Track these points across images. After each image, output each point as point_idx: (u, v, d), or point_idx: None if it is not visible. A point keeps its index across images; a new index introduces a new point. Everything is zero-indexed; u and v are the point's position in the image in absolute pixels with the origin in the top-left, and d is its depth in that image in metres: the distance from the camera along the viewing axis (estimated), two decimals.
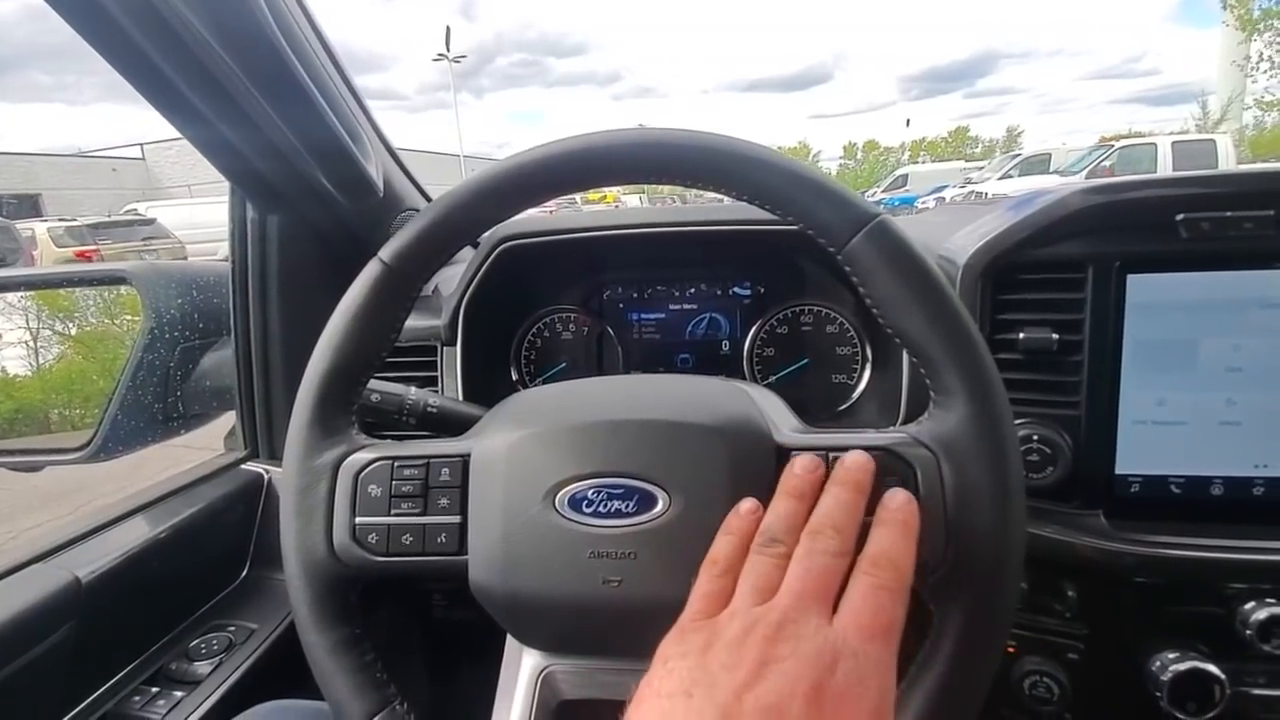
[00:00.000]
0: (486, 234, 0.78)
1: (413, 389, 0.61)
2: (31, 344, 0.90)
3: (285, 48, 0.53)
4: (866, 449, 0.40)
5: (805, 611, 0.31)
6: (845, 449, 0.40)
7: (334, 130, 0.63)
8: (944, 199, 13.06)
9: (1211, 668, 0.55)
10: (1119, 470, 0.59)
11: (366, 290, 0.44)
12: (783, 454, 0.41)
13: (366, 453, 0.44)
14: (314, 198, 0.71)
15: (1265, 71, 16.03)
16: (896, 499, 0.36)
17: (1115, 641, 0.60)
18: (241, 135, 0.60)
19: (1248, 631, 0.55)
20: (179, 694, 0.65)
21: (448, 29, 32.35)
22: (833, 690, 0.28)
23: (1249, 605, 0.55)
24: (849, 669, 0.29)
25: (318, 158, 0.65)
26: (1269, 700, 0.56)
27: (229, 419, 0.91)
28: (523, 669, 0.49)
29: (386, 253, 0.43)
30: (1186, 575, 0.57)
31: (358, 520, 0.43)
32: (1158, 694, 0.56)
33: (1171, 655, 0.56)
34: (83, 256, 9.74)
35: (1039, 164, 13.06)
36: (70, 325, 0.94)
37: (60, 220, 11.28)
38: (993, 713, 0.64)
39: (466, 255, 0.80)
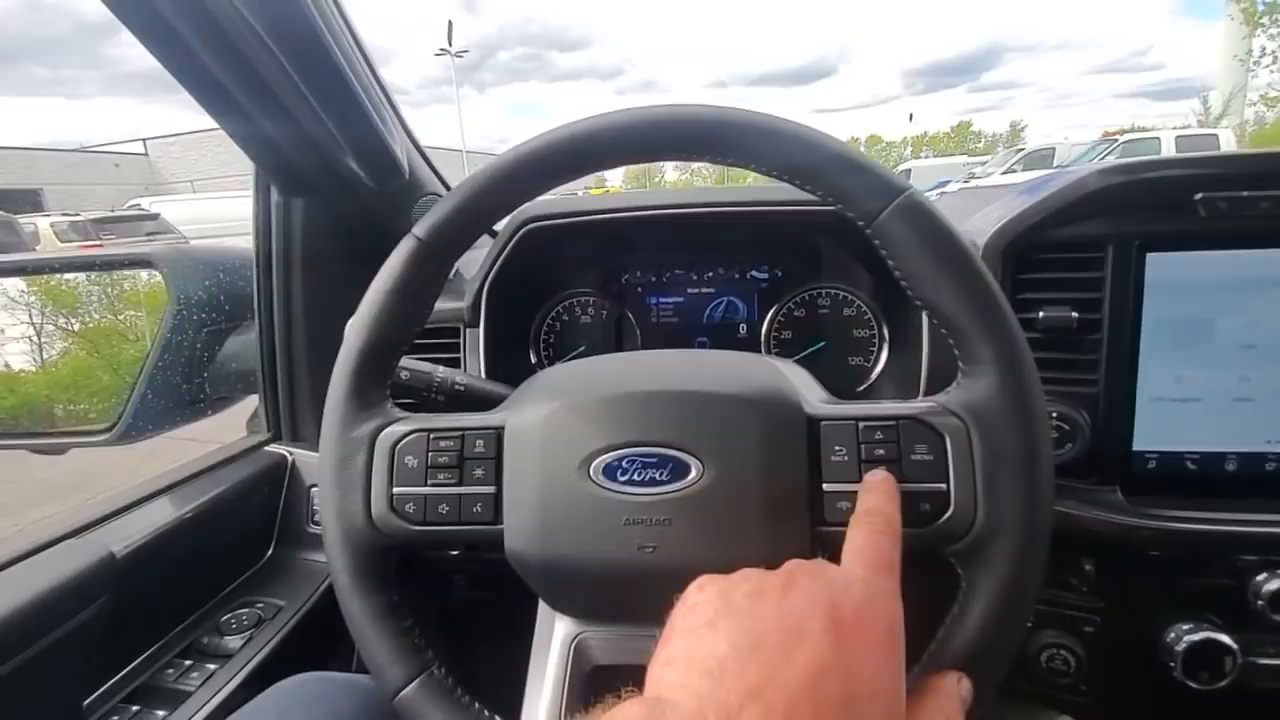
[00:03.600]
0: (509, 216, 0.78)
1: (440, 368, 0.62)
2: (35, 339, 0.91)
3: (327, 37, 0.54)
4: (895, 418, 0.41)
5: (817, 559, 0.35)
6: (874, 419, 0.41)
7: (368, 115, 0.64)
8: (946, 194, 13.02)
9: (1224, 638, 0.56)
10: (1136, 447, 0.60)
11: (404, 265, 0.44)
12: (813, 424, 0.42)
13: (402, 425, 0.45)
14: (340, 182, 0.72)
15: (1267, 66, 15.90)
16: (877, 475, 0.40)
17: (1131, 614, 0.62)
18: (277, 125, 0.61)
19: (1259, 602, 0.56)
20: (211, 666, 0.66)
21: (449, 23, 32.26)
22: (848, 610, 0.30)
23: (1261, 577, 0.56)
24: (861, 593, 0.32)
25: (351, 142, 0.65)
26: (1278, 669, 0.57)
27: (248, 406, 0.92)
28: (555, 636, 0.50)
29: (421, 229, 0.44)
30: (1200, 548, 0.59)
31: (395, 490, 0.44)
32: (1171, 664, 0.57)
33: (1185, 627, 0.58)
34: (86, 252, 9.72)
35: (1042, 159, 13.00)
36: (74, 321, 0.94)
37: (64, 215, 11.28)
38: (1010, 685, 0.65)
39: (485, 240, 0.80)
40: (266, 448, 0.87)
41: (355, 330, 0.45)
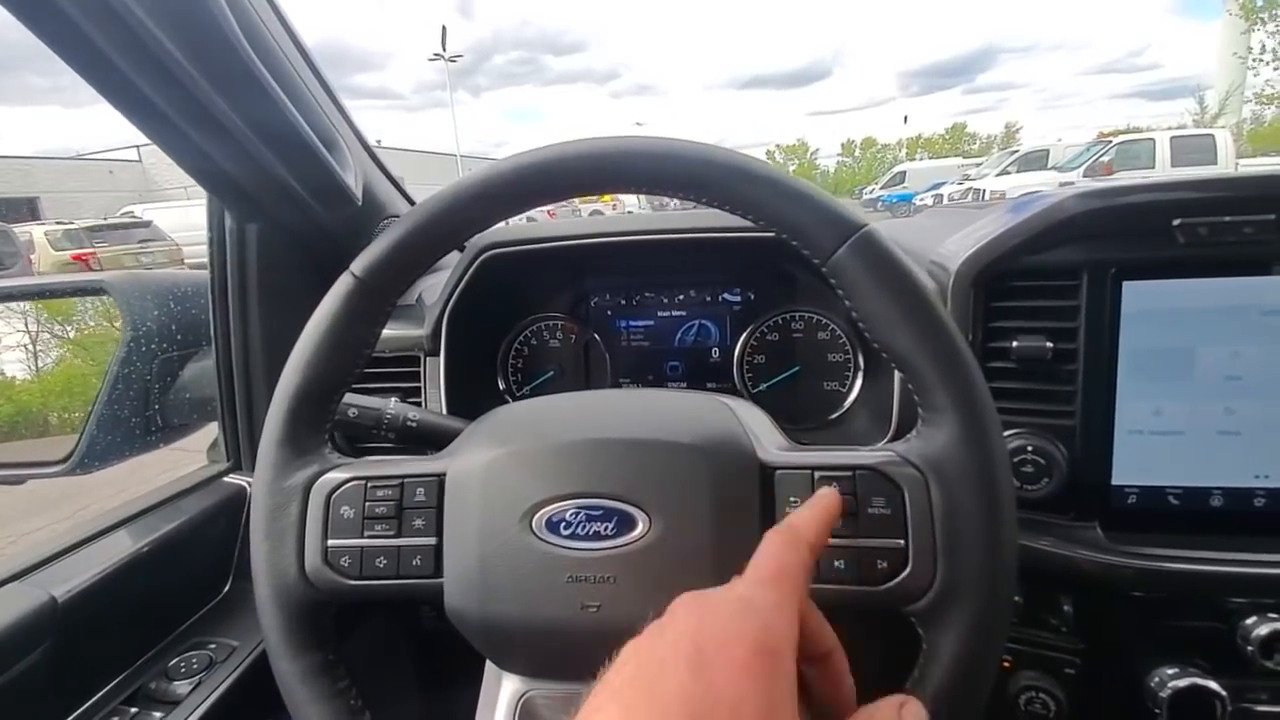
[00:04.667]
0: (470, 242, 0.76)
1: (392, 402, 0.60)
2: (31, 348, 0.89)
3: (250, 53, 0.52)
4: (851, 467, 0.39)
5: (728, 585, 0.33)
6: (830, 468, 0.39)
7: (307, 139, 0.61)
8: (942, 195, 13.05)
9: (1212, 684, 0.54)
10: (1115, 481, 0.57)
11: (337, 305, 0.42)
12: (766, 472, 0.40)
13: (339, 472, 0.43)
14: (292, 206, 0.70)
15: (1267, 63, 15.92)
16: (823, 488, 0.38)
17: (1113, 656, 0.59)
18: (214, 143, 0.58)
19: (1249, 647, 0.53)
20: (157, 714, 0.63)
21: (443, 28, 32.30)
22: (712, 632, 0.29)
23: (1250, 620, 0.54)
24: (729, 611, 0.30)
25: (291, 167, 0.63)
26: (1272, 718, 0.54)
27: (212, 430, 0.90)
28: (502, 694, 0.48)
29: (358, 266, 0.42)
30: (1186, 589, 0.56)
31: (330, 543, 0.42)
32: (1156, 711, 0.55)
33: (1170, 671, 0.55)
34: (79, 260, 9.73)
35: (1037, 160, 13.04)
36: (69, 329, 0.93)
37: (58, 224, 11.24)
38: None
39: (451, 262, 0.78)
40: (225, 478, 0.84)
41: (289, 373, 0.43)
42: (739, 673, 0.28)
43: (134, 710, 0.64)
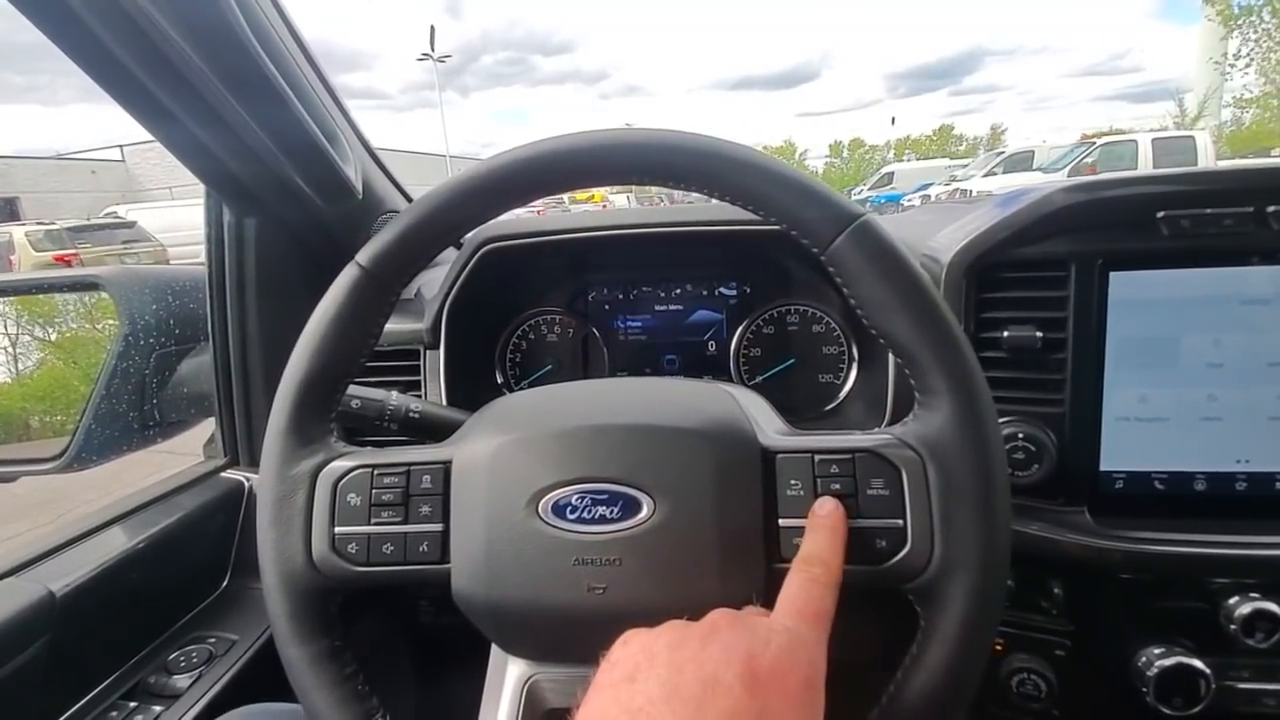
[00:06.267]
0: (469, 236, 0.77)
1: (394, 394, 0.60)
2: (10, 350, 0.88)
3: (256, 47, 0.52)
4: (851, 450, 0.40)
5: (745, 609, 0.35)
6: (830, 451, 0.40)
7: (309, 132, 0.62)
8: (929, 196, 13.15)
9: (1197, 662, 0.55)
10: (1103, 467, 0.59)
11: (343, 296, 0.43)
12: (768, 456, 0.41)
13: (345, 460, 0.43)
14: (291, 200, 0.70)
15: (1241, 69, 16.19)
16: (825, 506, 0.39)
17: (1101, 637, 0.61)
18: (214, 137, 0.59)
19: (1232, 626, 0.55)
20: (157, 708, 0.64)
21: (431, 28, 32.15)
22: (766, 661, 0.30)
23: (1233, 600, 0.56)
24: (781, 643, 0.32)
25: (293, 160, 0.63)
26: (1254, 694, 0.56)
27: (210, 426, 0.89)
28: (508, 678, 0.49)
29: (364, 257, 0.43)
30: (1171, 571, 0.58)
31: (337, 530, 0.42)
32: (1144, 689, 0.56)
33: (1157, 650, 0.57)
34: (61, 260, 9.58)
35: (1022, 161, 13.17)
36: (50, 331, 0.92)
37: (39, 224, 11.06)
38: (981, 711, 0.64)
39: (449, 257, 0.79)
40: (223, 473, 0.84)
41: (294, 362, 0.44)
42: (790, 700, 0.30)
43: (133, 704, 0.65)
